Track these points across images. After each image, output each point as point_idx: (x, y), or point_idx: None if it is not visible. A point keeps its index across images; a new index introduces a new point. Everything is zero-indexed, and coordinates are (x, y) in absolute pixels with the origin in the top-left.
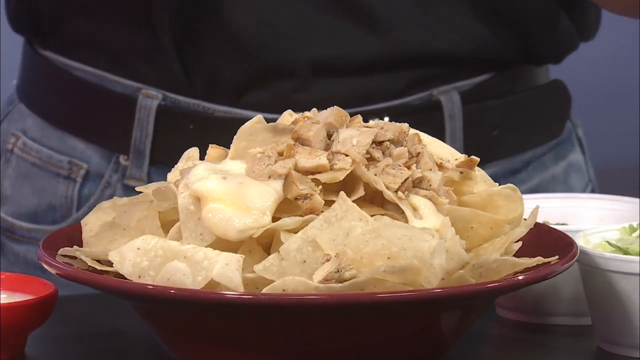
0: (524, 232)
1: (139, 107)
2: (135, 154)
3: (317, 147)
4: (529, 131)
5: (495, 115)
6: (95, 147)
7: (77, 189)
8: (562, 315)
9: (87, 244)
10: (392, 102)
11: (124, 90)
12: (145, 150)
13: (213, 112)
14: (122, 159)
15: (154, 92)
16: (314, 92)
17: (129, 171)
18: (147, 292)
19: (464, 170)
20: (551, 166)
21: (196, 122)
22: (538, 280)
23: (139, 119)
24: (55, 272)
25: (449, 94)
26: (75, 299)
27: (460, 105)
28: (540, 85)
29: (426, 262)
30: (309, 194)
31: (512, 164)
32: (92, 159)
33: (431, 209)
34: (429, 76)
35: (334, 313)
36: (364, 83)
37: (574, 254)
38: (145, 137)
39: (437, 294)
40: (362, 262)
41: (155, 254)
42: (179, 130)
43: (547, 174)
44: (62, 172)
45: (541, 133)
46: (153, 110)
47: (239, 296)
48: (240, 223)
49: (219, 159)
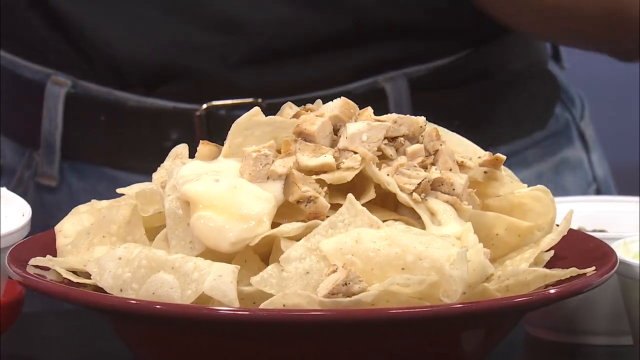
0: (557, 240)
1: (47, 95)
2: (46, 148)
3: (321, 143)
4: (501, 123)
5: (451, 105)
6: (7, 141)
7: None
8: (599, 334)
9: (62, 253)
10: (332, 90)
11: (33, 75)
12: (55, 144)
13: (126, 101)
14: (35, 155)
15: (62, 79)
16: (245, 80)
17: (40, 167)
18: (130, 308)
19: (488, 169)
20: (534, 163)
21: (107, 112)
22: (572, 294)
23: (48, 109)
24: (26, 285)
25: (396, 80)
26: (48, 315)
27: (408, 93)
28: (517, 71)
29: (445, 274)
30: (312, 196)
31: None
32: (6, 153)
33: (451, 213)
34: (377, 60)
35: (340, 331)
36: (301, 70)
37: (613, 265)
38: (54, 129)
39: (457, 310)
40: (373, 273)
41: (138, 265)
42: (89, 121)
43: (529, 171)
44: None
45: (517, 125)
46: (61, 99)
47: (234, 312)
48: (234, 234)
49: (211, 156)
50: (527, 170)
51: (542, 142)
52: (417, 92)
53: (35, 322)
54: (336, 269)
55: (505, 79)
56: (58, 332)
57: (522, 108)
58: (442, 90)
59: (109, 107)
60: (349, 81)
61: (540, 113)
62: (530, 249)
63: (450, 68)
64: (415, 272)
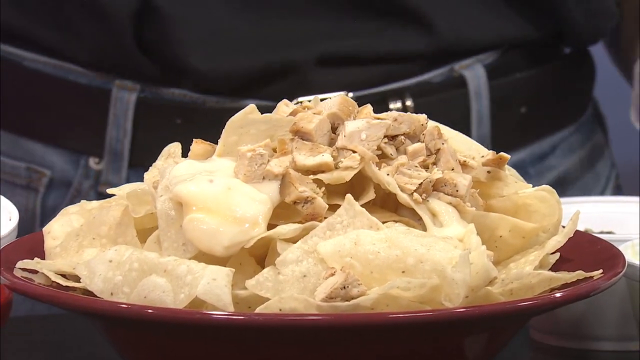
0: (562, 242)
1: (114, 102)
2: (111, 155)
3: (319, 142)
4: (557, 108)
5: (523, 90)
6: (57, 150)
7: (39, 199)
8: (606, 340)
9: (51, 255)
10: (412, 80)
11: (90, 82)
12: (124, 151)
13: (203, 102)
14: (92, 163)
15: (129, 84)
16: (321, 79)
17: (103, 176)
18: (121, 312)
19: (491, 169)
20: (578, 149)
21: (184, 115)
22: (579, 298)
23: (115, 115)
24: (13, 289)
25: (473, 67)
26: (36, 319)
27: (486, 80)
28: (566, 55)
29: (447, 277)
30: (309, 197)
31: (540, 147)
32: (55, 164)
33: (453, 215)
34: (451, 49)
35: (339, 337)
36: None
37: (621, 268)
38: (122, 135)
39: (460, 314)
40: (373, 276)
41: (130, 268)
42: (163, 126)
43: (574, 158)
44: (18, 181)
45: (568, 110)
46: (132, 104)
47: (229, 317)
48: (228, 237)
49: (205, 156)
50: (572, 157)
51: (581, 128)
52: (494, 79)
53: (23, 327)
54: (334, 272)
55: (559, 64)
56: (46, 337)
57: (571, 92)
58: (513, 75)
59: (186, 109)
60: (425, 71)
61: (582, 97)
62: (535, 251)
63: (516, 56)
64: (416, 275)
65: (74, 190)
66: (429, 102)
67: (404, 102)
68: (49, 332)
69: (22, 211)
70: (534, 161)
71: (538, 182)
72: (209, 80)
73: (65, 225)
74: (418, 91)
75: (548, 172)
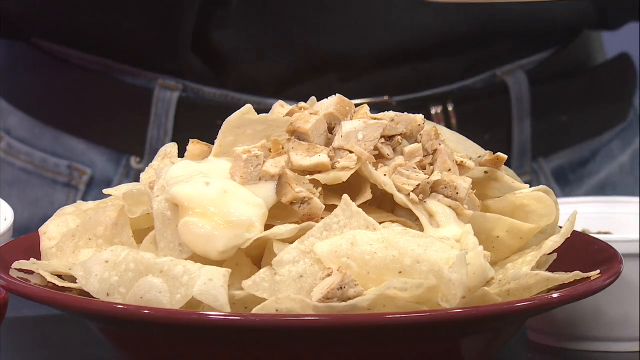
0: (560, 243)
1: (156, 101)
2: (152, 155)
3: (316, 142)
4: (599, 114)
5: (566, 96)
6: (99, 149)
7: (79, 198)
8: (604, 341)
9: (47, 256)
10: (453, 86)
11: (135, 81)
12: None
13: (245, 103)
14: (133, 162)
15: (172, 83)
16: (365, 80)
17: None
18: (117, 313)
19: (489, 169)
20: (618, 155)
21: (225, 116)
22: (576, 298)
23: (156, 115)
24: (9, 290)
25: (515, 73)
26: (31, 320)
27: (527, 86)
28: (609, 60)
29: (444, 278)
30: (306, 197)
31: (580, 153)
32: (96, 162)
33: (451, 215)
34: (490, 54)
35: (335, 337)
36: (419, 67)
37: (619, 268)
38: (164, 135)
39: (457, 315)
40: (369, 277)
41: (126, 268)
42: (204, 126)
43: (615, 164)
44: (60, 179)
45: (610, 116)
46: (173, 104)
47: (225, 318)
48: (223, 242)
49: (202, 156)
50: (613, 163)
51: (622, 134)
52: (536, 85)
53: (19, 327)
54: (331, 272)
55: (602, 70)
56: (42, 338)
57: (613, 98)
58: (555, 81)
59: (227, 110)
60: (467, 77)
61: (624, 103)
62: (532, 252)
63: (557, 60)
64: (413, 276)
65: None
66: (471, 108)
67: (446, 107)
68: (44, 333)
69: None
70: (573, 167)
71: (578, 188)
72: (252, 80)
73: (62, 226)
74: (460, 97)
75: (588, 178)
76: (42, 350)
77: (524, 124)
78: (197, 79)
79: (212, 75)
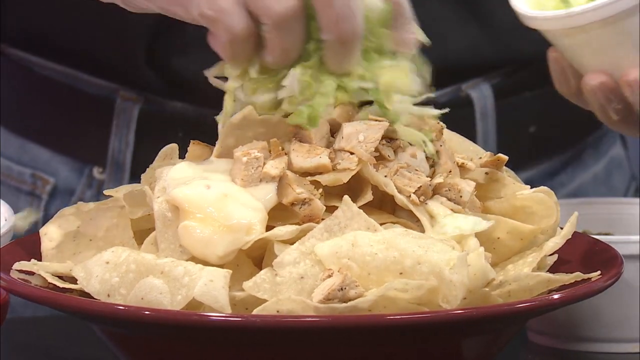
0: (560, 244)
1: (118, 112)
2: (113, 166)
3: (318, 144)
4: (567, 126)
5: (532, 110)
6: (62, 158)
7: (42, 207)
8: (605, 342)
9: (47, 257)
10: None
11: (97, 91)
12: (125, 163)
13: (205, 116)
14: (96, 172)
15: (133, 95)
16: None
17: (105, 186)
18: (118, 314)
19: (489, 170)
20: (592, 165)
21: (186, 128)
22: (576, 299)
23: (118, 126)
24: (10, 290)
25: (480, 87)
26: (32, 321)
27: (493, 101)
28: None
29: (445, 279)
30: (307, 198)
31: (550, 165)
32: (59, 171)
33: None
34: (456, 68)
35: (336, 338)
36: None
37: (619, 269)
38: (125, 147)
39: (457, 316)
40: (370, 278)
41: (127, 269)
42: (165, 139)
43: (588, 174)
44: (24, 187)
45: (581, 127)
46: (134, 116)
47: (226, 318)
48: (223, 246)
49: (203, 157)
50: (585, 173)
51: (595, 143)
52: (501, 98)
53: (20, 328)
54: (332, 273)
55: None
56: (43, 338)
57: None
58: (522, 95)
59: (188, 123)
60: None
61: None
62: (533, 252)
63: (525, 75)
64: (413, 277)
65: (76, 199)
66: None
67: None
68: (45, 334)
69: None
70: (543, 178)
71: None
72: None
73: (62, 227)
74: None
75: (559, 188)
76: (42, 350)
77: (489, 138)
78: (158, 93)
79: (172, 92)
